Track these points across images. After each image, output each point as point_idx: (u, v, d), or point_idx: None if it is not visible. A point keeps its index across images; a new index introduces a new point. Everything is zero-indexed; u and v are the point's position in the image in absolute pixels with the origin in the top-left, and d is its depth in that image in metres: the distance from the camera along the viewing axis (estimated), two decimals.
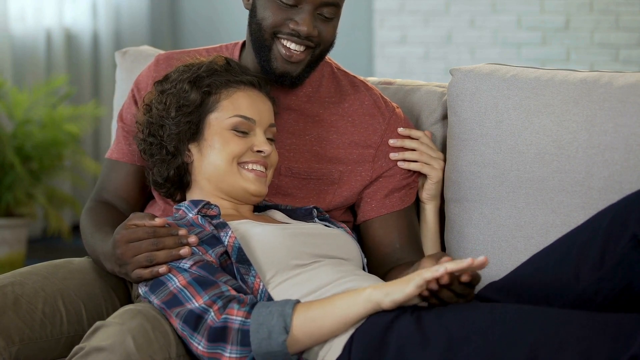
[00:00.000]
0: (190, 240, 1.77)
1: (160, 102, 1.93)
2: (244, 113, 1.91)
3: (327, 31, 1.97)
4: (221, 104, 1.91)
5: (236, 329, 1.66)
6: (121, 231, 1.81)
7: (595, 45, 4.79)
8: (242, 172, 1.90)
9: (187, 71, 1.94)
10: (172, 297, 1.73)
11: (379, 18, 5.19)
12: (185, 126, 1.91)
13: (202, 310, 1.69)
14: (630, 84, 1.96)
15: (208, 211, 1.86)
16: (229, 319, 1.67)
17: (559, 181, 1.97)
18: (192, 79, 1.92)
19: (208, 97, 1.91)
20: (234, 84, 1.93)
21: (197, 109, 1.91)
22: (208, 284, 1.72)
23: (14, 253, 4.21)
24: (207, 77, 1.92)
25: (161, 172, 1.94)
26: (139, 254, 1.77)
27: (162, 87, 1.95)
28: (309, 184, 2.05)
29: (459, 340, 1.59)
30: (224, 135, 1.90)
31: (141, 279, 1.78)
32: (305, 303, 1.69)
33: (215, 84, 1.92)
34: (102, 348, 1.65)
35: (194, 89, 1.91)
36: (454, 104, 2.11)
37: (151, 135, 1.94)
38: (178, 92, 1.92)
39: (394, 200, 2.08)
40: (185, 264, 1.75)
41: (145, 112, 1.96)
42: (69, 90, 4.57)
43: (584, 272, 1.71)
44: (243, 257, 1.79)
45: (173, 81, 1.94)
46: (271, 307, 1.67)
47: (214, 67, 1.94)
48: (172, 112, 1.91)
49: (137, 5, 5.48)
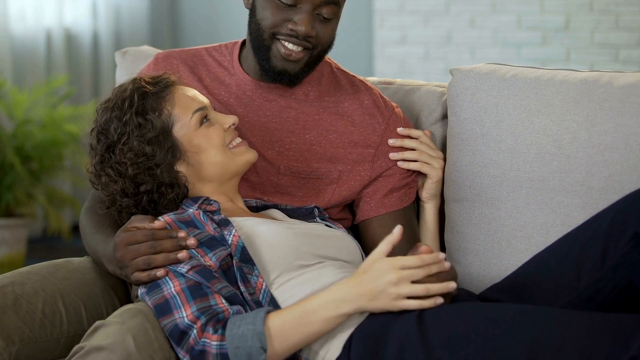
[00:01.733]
0: (189, 243, 1.77)
1: (125, 152, 1.86)
2: (196, 106, 1.90)
3: (324, 33, 1.97)
4: (174, 114, 1.88)
5: (214, 354, 1.67)
6: (121, 234, 1.81)
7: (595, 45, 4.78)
8: (233, 151, 1.92)
9: (121, 111, 1.88)
10: (163, 301, 1.73)
11: (379, 18, 5.19)
12: (168, 153, 1.87)
13: (187, 326, 1.70)
14: (630, 84, 1.96)
15: (208, 207, 1.86)
16: (207, 343, 1.68)
17: (559, 181, 1.97)
18: (137, 111, 1.87)
19: (161, 116, 1.88)
20: (164, 91, 1.90)
21: (164, 133, 1.87)
22: (200, 293, 1.72)
23: (14, 253, 4.21)
24: (144, 101, 1.88)
25: (169, 206, 1.89)
26: (138, 257, 1.78)
27: (110, 141, 1.87)
28: (309, 183, 2.05)
29: (458, 339, 1.59)
30: (199, 134, 1.89)
31: (140, 282, 1.78)
32: (277, 315, 1.70)
33: (156, 102, 1.88)
34: (102, 347, 1.65)
35: (147, 117, 1.87)
36: (454, 104, 2.11)
37: (142, 185, 1.87)
38: (136, 130, 1.86)
39: (393, 200, 2.08)
40: (183, 268, 1.75)
41: (115, 175, 1.87)
42: (69, 90, 4.57)
43: (585, 271, 1.71)
44: (247, 256, 1.79)
45: (117, 128, 1.86)
46: (242, 327, 1.68)
47: (140, 90, 1.89)
48: (147, 151, 1.85)
49: (137, 5, 5.48)
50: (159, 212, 1.89)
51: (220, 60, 2.11)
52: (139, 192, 1.87)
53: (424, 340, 1.61)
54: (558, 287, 1.74)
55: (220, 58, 2.12)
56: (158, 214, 1.88)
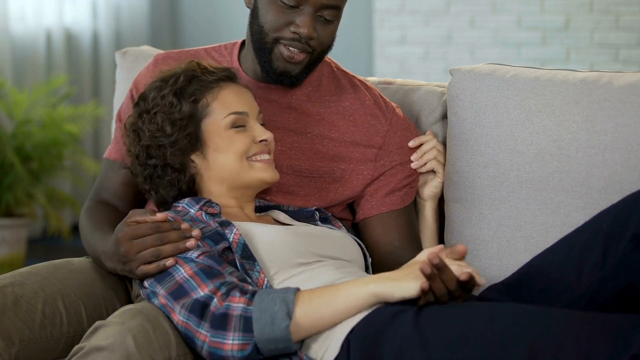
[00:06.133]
0: (194, 234, 1.78)
1: (150, 122, 1.91)
2: (236, 109, 1.91)
3: (325, 35, 1.98)
4: (211, 107, 1.91)
5: (238, 316, 1.67)
6: (123, 229, 1.81)
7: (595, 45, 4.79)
8: (253, 164, 1.92)
9: (165, 85, 1.92)
10: (177, 287, 1.73)
11: (379, 18, 5.19)
12: (185, 139, 1.89)
13: (207, 297, 1.69)
14: (630, 84, 1.96)
15: (209, 209, 1.87)
16: (231, 306, 1.68)
17: (558, 181, 1.97)
18: (175, 91, 1.90)
19: (196, 104, 1.90)
20: (214, 83, 1.93)
21: (191, 120, 1.89)
22: (214, 274, 1.73)
23: (14, 253, 4.21)
24: (189, 85, 1.91)
25: (171, 191, 1.92)
26: (144, 250, 1.77)
27: (144, 108, 1.93)
28: (311, 182, 2.05)
29: (457, 340, 1.59)
30: (225, 135, 1.90)
31: (147, 274, 1.78)
32: (307, 292, 1.70)
33: (199, 90, 1.91)
34: (102, 347, 1.65)
35: (181, 100, 1.90)
36: (454, 104, 2.11)
37: (151, 158, 1.91)
38: (166, 107, 1.90)
39: (395, 199, 2.08)
40: (193, 254, 1.76)
41: (135, 138, 1.92)
42: (69, 90, 4.57)
43: (586, 272, 1.71)
44: (248, 252, 1.80)
45: (154, 98, 1.91)
46: (273, 294, 1.68)
47: (191, 73, 1.93)
48: (167, 130, 1.89)
49: (137, 5, 5.48)
50: (157, 192, 1.92)
51: (219, 61, 2.11)
52: (147, 164, 1.91)
53: (423, 340, 1.61)
54: (558, 288, 1.74)
55: (219, 59, 2.12)
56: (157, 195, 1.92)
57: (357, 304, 1.68)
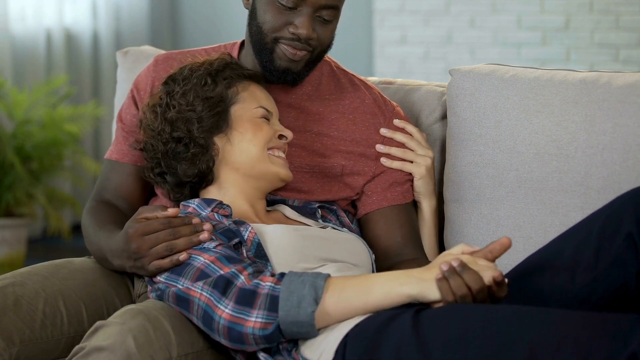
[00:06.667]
0: (206, 227, 1.78)
1: (182, 96, 1.93)
2: (266, 105, 1.96)
3: (324, 35, 1.98)
4: (241, 95, 1.95)
5: (265, 294, 1.66)
6: (134, 225, 1.81)
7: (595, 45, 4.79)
8: (272, 158, 1.94)
9: (200, 67, 1.96)
10: (200, 273, 1.73)
11: (379, 18, 5.19)
12: (212, 118, 1.91)
13: (232, 274, 1.69)
14: (629, 84, 1.96)
15: (220, 211, 1.87)
16: (260, 284, 1.67)
17: (557, 181, 1.97)
18: (210, 72, 1.94)
19: (228, 90, 1.94)
20: (245, 77, 1.97)
21: (221, 101, 1.93)
22: (235, 260, 1.73)
23: (14, 253, 4.22)
24: (223, 70, 1.96)
25: (190, 169, 1.92)
26: (157, 245, 1.78)
27: (176, 85, 1.95)
28: (313, 178, 2.06)
29: (455, 341, 1.58)
30: (254, 122, 1.93)
31: (161, 269, 1.78)
32: (340, 280, 1.68)
33: (232, 77, 1.95)
34: (103, 348, 1.65)
35: (215, 81, 1.94)
36: (454, 104, 2.11)
37: (177, 131, 1.92)
38: (199, 86, 1.93)
39: (396, 194, 2.08)
40: (210, 244, 1.76)
41: (163, 112, 1.94)
42: (69, 90, 4.57)
43: (579, 272, 1.70)
44: (262, 252, 1.80)
45: (187, 77, 1.94)
46: (303, 277, 1.67)
47: (225, 61, 1.98)
48: (198, 107, 1.91)
49: (137, 5, 5.49)
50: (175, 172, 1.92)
51: None
52: (172, 136, 1.91)
53: (421, 342, 1.60)
54: (552, 288, 1.73)
55: None
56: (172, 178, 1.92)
57: (389, 303, 1.67)
